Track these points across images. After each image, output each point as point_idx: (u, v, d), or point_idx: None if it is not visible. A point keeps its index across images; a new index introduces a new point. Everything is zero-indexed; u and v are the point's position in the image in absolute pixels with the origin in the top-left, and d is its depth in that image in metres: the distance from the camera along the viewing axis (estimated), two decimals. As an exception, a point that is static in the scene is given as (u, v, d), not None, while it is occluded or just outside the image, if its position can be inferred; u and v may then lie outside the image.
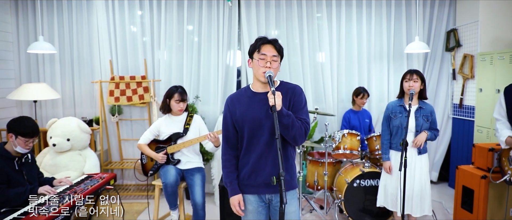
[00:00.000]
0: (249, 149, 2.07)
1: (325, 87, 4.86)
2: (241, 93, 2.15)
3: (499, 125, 2.72)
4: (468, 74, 4.54)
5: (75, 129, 3.71)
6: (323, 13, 4.80)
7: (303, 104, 2.09)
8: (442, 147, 5.08)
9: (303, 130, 2.01)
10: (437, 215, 3.87)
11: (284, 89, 2.08)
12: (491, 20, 4.32)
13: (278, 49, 2.05)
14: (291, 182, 2.11)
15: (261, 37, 2.09)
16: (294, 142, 2.05)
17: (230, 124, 2.11)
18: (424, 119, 3.15)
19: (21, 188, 2.69)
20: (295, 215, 2.10)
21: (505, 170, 2.74)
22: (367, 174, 3.62)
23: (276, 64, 2.04)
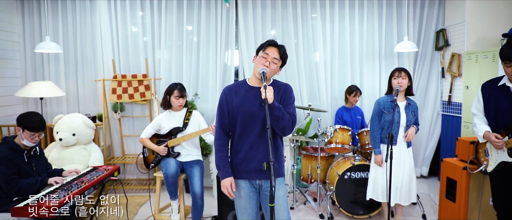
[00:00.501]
0: (242, 138, 2.26)
1: (319, 86, 5.05)
2: (238, 85, 2.35)
3: (476, 120, 2.86)
4: (456, 72, 4.74)
5: (80, 124, 3.90)
6: (318, 14, 5.00)
7: (292, 100, 2.32)
8: (432, 142, 5.28)
9: (291, 122, 2.23)
10: (425, 207, 4.07)
11: (276, 86, 2.30)
12: (476, 20, 4.52)
13: (281, 54, 2.26)
14: (279, 170, 2.31)
15: (270, 40, 2.31)
16: (283, 133, 2.25)
17: (225, 112, 2.30)
18: (412, 114, 3.36)
19: (32, 179, 2.88)
20: (283, 199, 2.30)
21: (481, 161, 2.91)
22: (357, 167, 3.81)
23: (275, 66, 2.24)
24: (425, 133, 5.22)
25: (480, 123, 2.81)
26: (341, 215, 3.94)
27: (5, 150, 2.84)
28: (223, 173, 2.28)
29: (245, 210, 2.32)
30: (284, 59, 2.29)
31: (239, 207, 2.34)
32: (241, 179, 2.30)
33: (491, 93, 2.74)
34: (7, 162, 2.80)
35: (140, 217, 3.98)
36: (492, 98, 2.73)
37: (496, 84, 2.73)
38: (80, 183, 2.89)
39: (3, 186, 2.80)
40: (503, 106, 2.67)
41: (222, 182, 2.27)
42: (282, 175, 2.34)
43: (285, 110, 2.22)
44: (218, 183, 3.45)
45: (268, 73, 2.22)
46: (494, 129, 2.73)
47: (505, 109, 2.66)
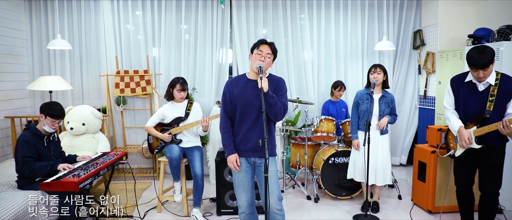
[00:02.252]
0: (241, 122, 2.69)
1: (307, 82, 5.50)
2: (239, 78, 2.79)
3: (449, 114, 3.16)
4: (431, 69, 5.23)
5: (89, 115, 4.27)
6: (306, 15, 5.44)
7: (284, 92, 2.75)
8: (410, 133, 5.77)
9: (282, 109, 2.66)
10: (401, 189, 4.56)
11: (271, 79, 2.74)
12: (448, 22, 5.02)
13: (272, 49, 2.72)
14: (272, 150, 2.75)
15: (262, 39, 2.76)
16: (275, 118, 2.69)
17: (228, 100, 2.74)
18: (386, 105, 3.81)
19: (44, 162, 3.20)
20: (274, 174, 2.73)
21: (450, 147, 3.33)
22: (340, 153, 4.25)
23: (269, 60, 2.69)
24: (404, 124, 5.70)
25: (453, 117, 3.12)
26: (326, 196, 4.38)
27: (28, 134, 3.20)
28: (229, 150, 2.71)
29: (242, 182, 2.74)
30: (275, 53, 2.74)
31: (237, 180, 2.75)
32: (240, 157, 2.72)
33: (460, 88, 3.07)
34: (29, 145, 3.16)
35: (144, 199, 4.36)
36: (461, 93, 3.07)
37: (463, 80, 3.06)
38: (95, 164, 3.27)
39: (20, 166, 3.15)
40: (471, 100, 3.01)
41: (228, 158, 2.70)
42: (274, 155, 2.77)
43: (278, 99, 2.65)
44: (217, 166, 3.86)
45: (264, 66, 2.65)
46: (463, 120, 3.09)
47: (473, 103, 3.00)
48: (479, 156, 3.04)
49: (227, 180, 3.83)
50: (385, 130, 3.83)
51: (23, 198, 2.93)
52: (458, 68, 4.42)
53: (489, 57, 2.80)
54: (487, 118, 2.92)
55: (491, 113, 2.90)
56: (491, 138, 2.94)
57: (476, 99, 3.00)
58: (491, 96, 2.92)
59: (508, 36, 3.94)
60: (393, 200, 4.34)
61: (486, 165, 3.04)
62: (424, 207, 3.93)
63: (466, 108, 3.07)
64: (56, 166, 3.26)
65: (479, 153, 3.02)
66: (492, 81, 2.92)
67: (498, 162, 3.02)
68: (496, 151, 2.99)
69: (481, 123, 2.96)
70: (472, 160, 3.11)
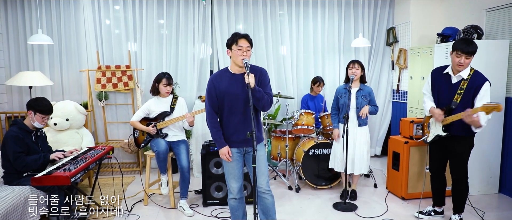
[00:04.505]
0: (231, 115, 2.82)
1: (286, 77, 5.68)
2: (222, 73, 2.90)
3: (425, 99, 3.50)
4: (403, 65, 5.53)
5: (73, 110, 4.28)
6: (284, 11, 5.61)
7: (267, 82, 2.89)
8: (384, 125, 6.08)
9: (269, 101, 2.81)
10: (377, 179, 4.83)
11: (254, 70, 2.85)
12: (419, 21, 5.33)
13: (250, 41, 2.83)
14: (260, 136, 2.92)
15: (237, 33, 2.85)
16: (263, 109, 2.84)
17: (214, 95, 2.84)
18: (363, 98, 4.03)
19: (36, 155, 3.26)
20: (264, 158, 2.91)
21: (425, 132, 3.62)
22: (320, 144, 4.46)
23: (250, 53, 2.82)
24: (378, 117, 5.99)
25: (428, 101, 3.46)
26: (307, 186, 4.59)
27: (16, 130, 3.21)
28: (220, 143, 2.83)
29: (233, 170, 2.89)
30: (252, 44, 2.84)
31: (229, 169, 2.90)
32: (231, 148, 2.86)
33: (437, 78, 3.39)
34: (18, 140, 3.18)
35: (130, 193, 4.42)
36: (437, 82, 3.39)
37: (442, 71, 3.37)
38: (84, 159, 3.32)
39: (12, 162, 3.18)
40: (444, 90, 3.32)
41: (220, 151, 2.83)
42: (262, 140, 2.95)
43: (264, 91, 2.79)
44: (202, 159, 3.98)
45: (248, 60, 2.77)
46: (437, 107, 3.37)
47: (445, 93, 3.30)
48: (448, 144, 3.32)
49: (213, 172, 3.96)
50: (363, 121, 4.05)
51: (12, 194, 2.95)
52: (428, 65, 4.72)
53: (474, 48, 3.12)
54: (452, 109, 3.20)
55: (457, 105, 3.18)
56: (456, 128, 3.23)
57: (448, 90, 3.29)
58: (460, 89, 3.20)
59: (472, 35, 4.25)
60: (369, 188, 4.60)
61: (452, 152, 3.34)
62: (398, 194, 4.21)
63: (439, 97, 3.37)
64: (48, 156, 3.32)
65: (448, 141, 3.30)
66: (465, 75, 3.21)
67: (463, 151, 3.31)
68: (463, 140, 3.27)
69: (448, 112, 3.23)
70: (443, 147, 3.39)
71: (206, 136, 4.89)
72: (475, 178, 4.12)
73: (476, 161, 4.09)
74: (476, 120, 3.01)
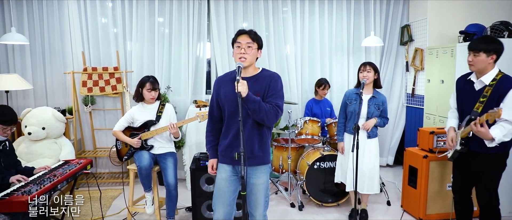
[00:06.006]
0: (229, 125, 2.38)
1: (290, 78, 5.18)
2: (227, 76, 2.46)
3: (449, 113, 3.01)
4: (419, 66, 5.00)
5: (50, 117, 3.84)
6: (288, 8, 5.11)
7: (278, 89, 2.38)
8: (397, 133, 5.55)
9: (273, 113, 2.29)
10: (389, 194, 4.31)
11: (263, 76, 2.39)
12: (437, 17, 4.78)
13: (252, 37, 2.34)
14: (263, 158, 2.42)
15: (239, 30, 2.40)
16: (264, 123, 2.35)
17: (214, 102, 2.45)
18: (375, 107, 3.52)
19: None
20: (264, 186, 2.43)
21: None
22: (326, 157, 3.97)
23: (251, 50, 2.33)
24: (390, 124, 5.46)
25: (451, 117, 2.97)
26: (311, 203, 4.11)
27: (-29, 144, 2.78)
28: (210, 154, 2.52)
29: (223, 193, 2.42)
30: (259, 41, 2.37)
31: (218, 190, 2.44)
32: (226, 164, 2.41)
33: (461, 87, 2.90)
34: (-28, 156, 2.75)
35: (114, 210, 3.99)
36: (461, 92, 2.90)
37: (466, 77, 2.88)
38: (52, 177, 2.87)
39: None
40: (467, 100, 2.82)
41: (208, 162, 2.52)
42: (266, 163, 2.45)
43: (269, 100, 2.32)
44: (192, 174, 3.52)
45: (248, 59, 2.31)
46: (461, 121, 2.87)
47: (467, 103, 2.80)
48: (471, 162, 2.82)
49: (204, 189, 3.49)
50: (373, 133, 3.55)
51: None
52: (448, 66, 4.19)
53: (485, 45, 2.65)
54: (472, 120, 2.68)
55: (478, 115, 2.65)
56: (473, 142, 2.74)
57: (471, 99, 2.79)
58: (483, 97, 2.70)
59: (502, 32, 3.72)
60: (381, 206, 4.10)
61: (477, 174, 2.82)
62: (415, 215, 3.69)
63: (463, 108, 2.88)
64: (7, 179, 2.86)
65: (471, 159, 2.80)
66: (487, 81, 2.71)
67: (490, 173, 2.76)
68: (488, 158, 2.73)
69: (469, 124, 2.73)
70: (466, 165, 2.88)
71: (201, 146, 4.44)
72: (504, 196, 3.57)
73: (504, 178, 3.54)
74: (483, 130, 2.52)
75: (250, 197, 2.43)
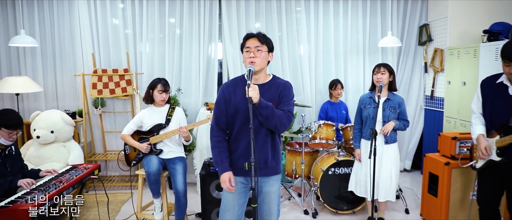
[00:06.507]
0: (239, 136, 2.23)
1: (303, 79, 5.03)
2: (237, 82, 2.30)
3: (473, 119, 2.80)
4: (439, 67, 4.79)
5: (59, 121, 3.78)
6: (302, 7, 4.95)
7: (290, 97, 2.27)
8: (415, 136, 5.33)
9: (285, 119, 2.17)
10: (408, 201, 4.12)
11: (276, 84, 2.27)
12: (458, 16, 4.56)
13: (261, 40, 2.21)
14: (276, 167, 2.32)
15: (247, 34, 2.26)
16: (276, 130, 2.23)
17: (223, 109, 2.27)
18: (391, 110, 3.34)
19: (1, 180, 2.74)
20: (276, 194, 2.32)
21: (474, 156, 2.91)
22: (341, 162, 3.81)
23: (261, 53, 2.20)
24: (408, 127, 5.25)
25: (477, 123, 2.75)
26: (325, 210, 3.95)
27: (-24, 149, 2.72)
28: (222, 168, 2.24)
29: (232, 206, 2.29)
30: (268, 44, 2.25)
31: (226, 201, 2.31)
32: (237, 176, 2.27)
33: (489, 90, 2.69)
34: (-23, 162, 2.69)
35: (123, 215, 3.90)
36: (489, 96, 2.68)
37: (494, 81, 2.67)
38: (58, 183, 2.79)
39: None
40: (498, 105, 2.61)
41: (221, 177, 2.23)
42: (278, 172, 2.34)
43: (281, 107, 2.20)
44: (202, 181, 3.40)
45: (258, 63, 2.18)
46: (489, 128, 2.69)
47: (500, 108, 2.60)
48: (505, 173, 2.60)
49: (214, 196, 3.37)
50: (391, 138, 3.38)
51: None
52: (471, 68, 3.99)
53: None
54: (510, 127, 2.48)
55: None
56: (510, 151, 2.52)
57: (504, 104, 2.57)
58: None
59: (530, 31, 3.50)
60: (399, 214, 3.92)
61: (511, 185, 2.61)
62: (436, 225, 3.50)
63: (493, 114, 2.66)
64: (15, 182, 2.79)
65: (505, 169, 2.59)
66: None
67: None
68: None
69: (505, 132, 2.53)
70: (497, 175, 2.67)
71: (211, 149, 4.32)
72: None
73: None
74: None
75: (263, 207, 2.33)
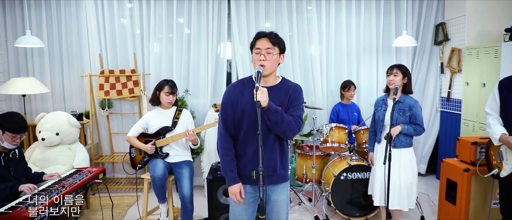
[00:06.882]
0: (246, 141, 2.10)
1: (314, 80, 4.88)
2: (244, 84, 2.16)
3: (491, 120, 2.65)
4: (456, 68, 4.59)
5: (64, 123, 3.71)
6: (313, 6, 4.81)
7: (300, 102, 2.14)
8: (430, 139, 5.15)
9: (294, 125, 2.04)
10: (423, 207, 3.94)
11: (285, 87, 2.14)
12: (477, 14, 4.36)
13: (273, 41, 2.07)
14: (285, 174, 2.20)
15: (257, 33, 2.12)
16: (284, 136, 2.10)
17: (229, 113, 2.12)
18: (400, 112, 3.16)
19: (2, 185, 2.67)
20: (285, 202, 2.20)
21: (493, 164, 2.73)
22: (354, 167, 3.66)
23: (272, 56, 2.05)
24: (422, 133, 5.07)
25: (496, 123, 2.60)
26: (336, 216, 3.81)
27: (-22, 153, 2.65)
28: (230, 179, 2.11)
29: (240, 214, 2.17)
30: (280, 45, 2.10)
31: (235, 212, 2.19)
32: (244, 184, 2.13)
33: (509, 93, 2.54)
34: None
35: (129, 218, 3.82)
36: (510, 98, 2.53)
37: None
38: (61, 188, 2.71)
39: None
40: None
41: (230, 189, 2.11)
42: (286, 180, 2.22)
43: (290, 112, 2.07)
44: (209, 185, 3.30)
45: (268, 66, 2.04)
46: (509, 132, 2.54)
47: None
48: None
49: (221, 202, 3.26)
50: (400, 142, 3.18)
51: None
52: (491, 68, 3.80)
53: None
54: None
55: None
56: None
57: None
58: None
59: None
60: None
61: None
62: (454, 234, 3.33)
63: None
64: (17, 187, 2.72)
65: None
66: None
67: None
68: None
69: None
70: None
71: (220, 152, 4.21)
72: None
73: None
74: None
75: (271, 216, 2.21)
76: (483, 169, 2.93)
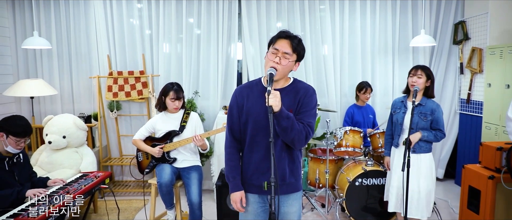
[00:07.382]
0: (252, 147, 1.97)
1: (327, 81, 4.73)
2: (252, 86, 2.04)
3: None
4: (477, 68, 4.38)
5: (71, 126, 3.64)
6: (326, 5, 4.66)
7: (312, 106, 1.98)
8: (448, 143, 4.94)
9: (304, 134, 1.89)
10: (442, 214, 3.76)
11: (296, 88, 1.99)
12: (501, 12, 4.14)
13: (294, 47, 1.92)
14: (296, 184, 2.04)
15: (280, 31, 1.97)
16: (292, 146, 1.95)
17: (235, 116, 2.01)
18: (421, 116, 2.98)
19: (8, 190, 2.60)
20: (297, 214, 2.05)
21: None
22: (369, 173, 3.50)
23: (287, 61, 1.90)
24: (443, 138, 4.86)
25: None
26: (351, 223, 3.65)
27: (-19, 157, 2.58)
28: (233, 185, 2.00)
29: None
30: (299, 52, 1.95)
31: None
32: (251, 193, 2.01)
33: None
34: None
35: (136, 223, 3.74)
36: None
37: None
38: (64, 194, 2.62)
39: None
40: None
41: (231, 196, 2.00)
42: (299, 189, 2.07)
43: (300, 118, 1.91)
44: (218, 191, 3.18)
45: (280, 71, 1.89)
46: None
47: None
48: None
49: (231, 209, 3.13)
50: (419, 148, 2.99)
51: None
52: (517, 69, 3.59)
53: None
54: None
55: None
56: None
57: None
58: None
59: None
60: (434, 229, 3.57)
61: None
62: (477, 245, 3.15)
63: None
64: (24, 192, 2.64)
65: None
66: None
67: None
68: None
69: None
70: None
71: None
72: None
73: None
74: None
75: None
76: (506, 177, 2.74)
